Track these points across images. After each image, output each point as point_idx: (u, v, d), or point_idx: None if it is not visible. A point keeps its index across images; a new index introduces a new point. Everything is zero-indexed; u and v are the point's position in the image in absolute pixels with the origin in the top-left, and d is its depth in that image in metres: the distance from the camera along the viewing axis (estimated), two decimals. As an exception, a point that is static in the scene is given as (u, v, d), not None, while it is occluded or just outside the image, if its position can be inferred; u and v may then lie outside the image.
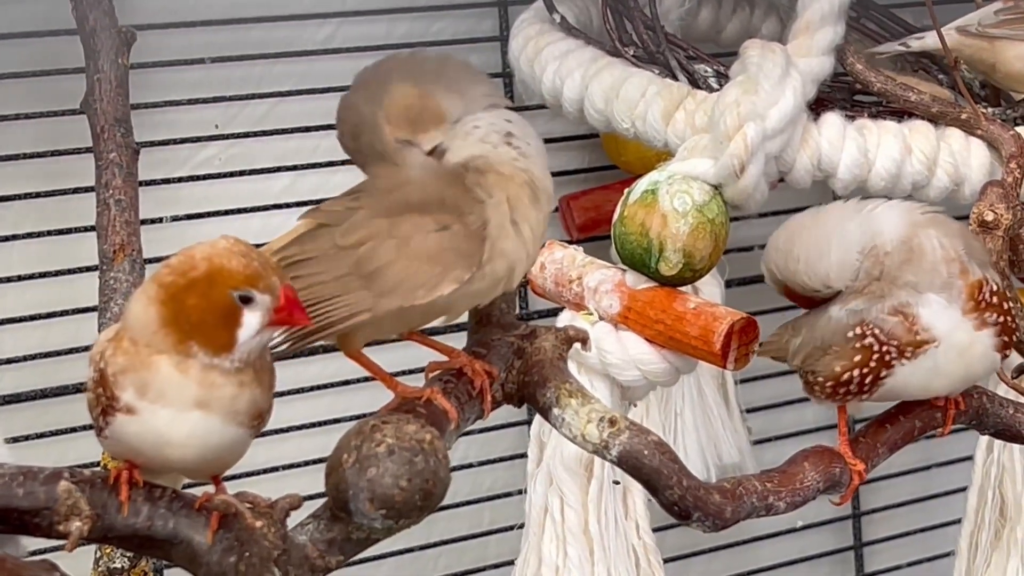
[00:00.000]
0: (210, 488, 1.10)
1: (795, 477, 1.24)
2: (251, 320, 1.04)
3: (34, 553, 1.13)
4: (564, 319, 1.50)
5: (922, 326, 1.24)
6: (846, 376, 1.26)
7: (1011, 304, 1.27)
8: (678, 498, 1.14)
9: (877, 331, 1.25)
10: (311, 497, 1.10)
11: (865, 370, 1.25)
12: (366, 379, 1.21)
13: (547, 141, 1.21)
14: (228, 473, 1.13)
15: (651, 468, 1.13)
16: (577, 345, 1.25)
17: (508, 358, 1.22)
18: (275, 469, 1.69)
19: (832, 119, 1.54)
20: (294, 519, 1.08)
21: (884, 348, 1.25)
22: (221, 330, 1.04)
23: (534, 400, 1.19)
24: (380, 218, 1.12)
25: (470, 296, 1.14)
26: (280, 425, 1.66)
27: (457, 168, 1.14)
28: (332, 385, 1.71)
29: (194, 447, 1.05)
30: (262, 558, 1.05)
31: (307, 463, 1.68)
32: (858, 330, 1.25)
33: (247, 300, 1.04)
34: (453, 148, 1.15)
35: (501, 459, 1.84)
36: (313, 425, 1.71)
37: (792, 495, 1.23)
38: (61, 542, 1.05)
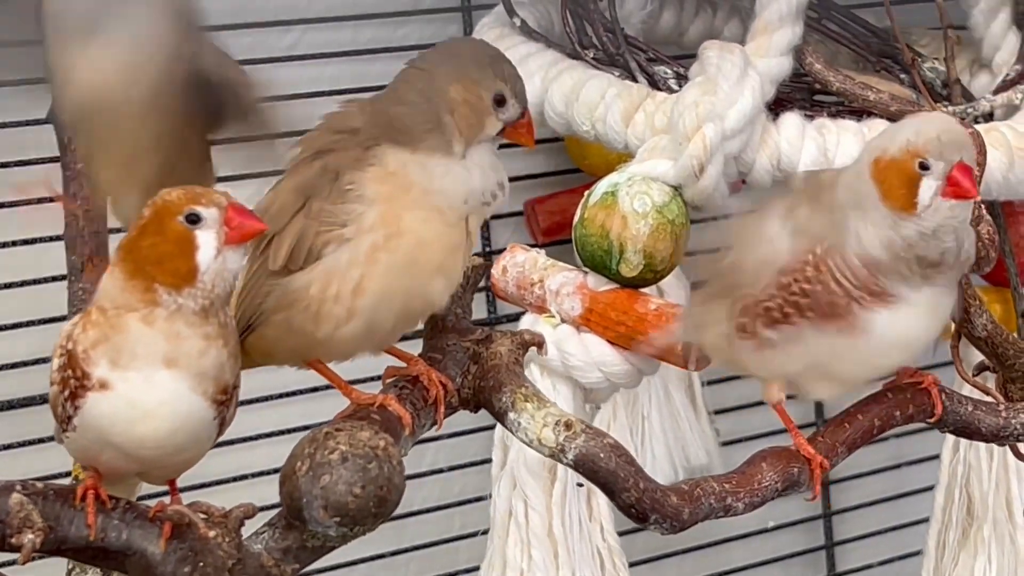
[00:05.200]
0: (166, 499, 1.11)
1: (753, 478, 1.23)
2: (206, 239, 1.05)
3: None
4: (526, 322, 1.50)
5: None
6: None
7: None
8: (635, 500, 1.14)
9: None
10: (273, 507, 1.10)
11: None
12: (325, 387, 1.22)
13: (510, 145, 1.22)
14: (188, 483, 1.13)
15: (607, 471, 1.13)
16: (536, 348, 1.26)
17: (464, 363, 1.22)
18: (237, 479, 1.69)
19: (791, 119, 1.54)
20: (251, 528, 1.09)
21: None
22: (179, 258, 1.05)
23: (490, 405, 1.19)
24: None
25: None
26: (241, 434, 1.67)
27: None
28: (292, 394, 1.70)
29: (164, 418, 1.05)
30: (216, 567, 1.05)
31: (266, 472, 1.67)
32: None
33: (195, 220, 1.05)
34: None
35: (470, 464, 1.84)
36: (274, 434, 1.70)
37: (750, 496, 1.23)
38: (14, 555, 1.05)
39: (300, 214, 1.16)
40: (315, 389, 1.63)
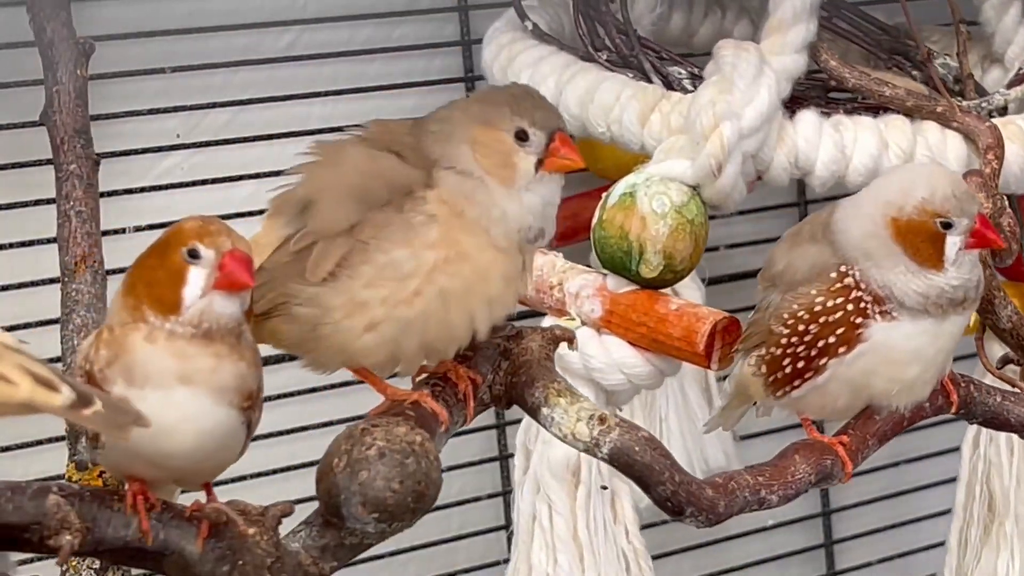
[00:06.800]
0: (202, 497, 1.09)
1: (786, 470, 1.23)
2: (196, 277, 1.04)
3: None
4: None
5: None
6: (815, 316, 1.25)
7: None
8: (671, 493, 1.13)
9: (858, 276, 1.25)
10: (307, 500, 1.08)
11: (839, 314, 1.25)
12: (357, 382, 1.20)
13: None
14: (221, 477, 1.11)
15: (643, 464, 1.12)
16: (564, 348, 1.24)
17: (494, 359, 1.21)
18: (269, 473, 1.67)
19: (808, 116, 1.53)
20: (286, 526, 1.07)
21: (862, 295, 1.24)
22: (168, 288, 1.04)
23: (522, 400, 1.18)
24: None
25: None
26: (275, 428, 1.65)
27: None
28: (317, 389, 1.67)
29: (189, 432, 1.04)
30: (255, 566, 1.04)
31: (294, 468, 1.67)
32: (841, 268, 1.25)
33: (194, 256, 1.04)
34: None
35: (469, 464, 1.83)
36: (307, 428, 1.69)
37: (784, 488, 1.22)
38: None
39: (351, 232, 1.13)
40: (347, 383, 1.60)
